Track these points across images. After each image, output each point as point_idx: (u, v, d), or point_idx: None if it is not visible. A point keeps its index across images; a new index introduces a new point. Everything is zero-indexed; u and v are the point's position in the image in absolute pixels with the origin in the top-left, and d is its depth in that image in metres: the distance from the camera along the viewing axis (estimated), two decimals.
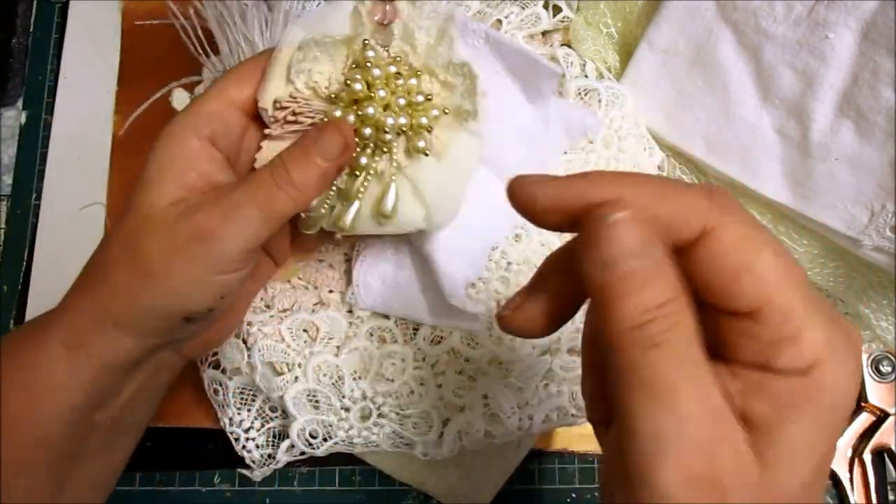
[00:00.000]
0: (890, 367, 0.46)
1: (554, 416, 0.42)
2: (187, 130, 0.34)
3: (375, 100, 0.34)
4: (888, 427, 0.45)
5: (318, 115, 0.34)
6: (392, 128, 0.34)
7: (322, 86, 0.34)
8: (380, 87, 0.34)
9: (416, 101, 0.34)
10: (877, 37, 0.37)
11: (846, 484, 0.45)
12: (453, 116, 0.35)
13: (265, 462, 0.43)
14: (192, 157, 0.33)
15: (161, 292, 0.32)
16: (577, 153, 0.43)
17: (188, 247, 0.32)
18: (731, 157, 0.43)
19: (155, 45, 0.50)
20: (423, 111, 0.34)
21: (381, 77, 0.34)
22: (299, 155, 0.33)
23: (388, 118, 0.34)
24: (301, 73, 0.34)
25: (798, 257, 0.44)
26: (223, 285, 0.33)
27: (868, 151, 0.39)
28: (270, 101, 0.34)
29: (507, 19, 0.46)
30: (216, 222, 0.32)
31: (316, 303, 0.43)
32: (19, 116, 0.53)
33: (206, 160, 0.34)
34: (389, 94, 0.34)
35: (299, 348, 0.41)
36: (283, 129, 0.34)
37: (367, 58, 0.34)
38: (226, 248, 0.32)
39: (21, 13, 0.54)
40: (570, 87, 0.44)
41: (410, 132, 0.34)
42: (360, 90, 0.33)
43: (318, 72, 0.34)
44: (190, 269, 0.32)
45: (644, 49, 0.44)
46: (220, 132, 0.34)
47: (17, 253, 0.50)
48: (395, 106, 0.34)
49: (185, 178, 0.33)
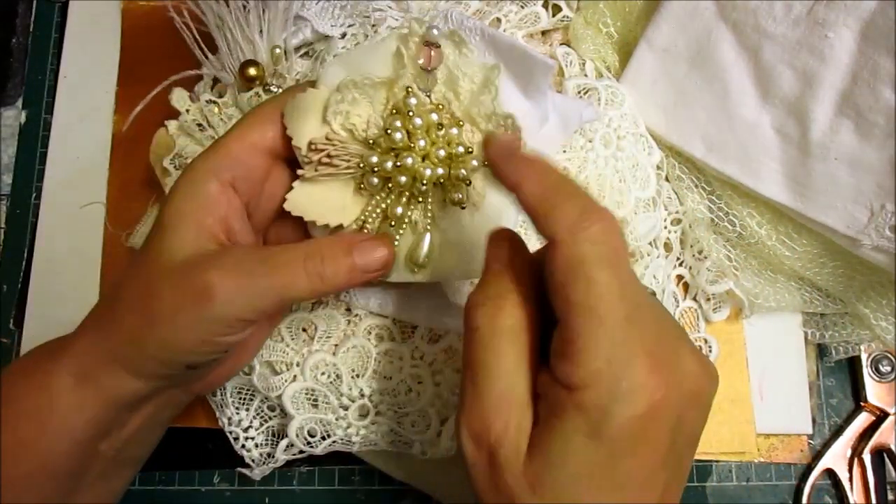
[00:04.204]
0: (889, 366, 0.46)
1: None
2: (208, 174, 0.33)
3: (415, 150, 0.33)
4: (888, 427, 0.45)
5: (354, 158, 0.34)
6: (429, 179, 0.33)
7: (360, 128, 0.34)
8: (420, 136, 0.33)
9: (456, 152, 0.33)
10: (876, 36, 0.37)
11: (846, 484, 0.45)
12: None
13: (264, 461, 0.43)
14: (211, 202, 0.33)
15: (165, 343, 0.32)
16: (577, 152, 0.43)
17: (194, 305, 0.31)
18: (730, 157, 0.43)
19: (155, 45, 0.50)
20: (462, 163, 0.34)
21: (421, 127, 0.33)
22: (339, 254, 0.32)
23: (427, 170, 0.33)
24: (338, 114, 0.33)
25: (798, 257, 0.44)
26: (227, 343, 0.33)
27: (867, 151, 0.39)
28: (305, 142, 0.33)
29: (506, 18, 0.46)
30: (226, 288, 0.31)
31: (315, 301, 0.43)
32: (19, 116, 0.53)
33: (226, 206, 0.33)
34: (429, 144, 0.33)
35: (298, 347, 0.42)
36: (318, 172, 0.34)
37: (409, 105, 0.33)
38: (229, 313, 0.31)
39: (21, 13, 0.54)
40: (569, 86, 0.44)
41: (447, 183, 0.34)
42: (401, 140, 0.33)
43: (356, 114, 0.34)
44: (193, 326, 0.31)
45: (643, 48, 0.44)
46: (241, 176, 0.33)
47: (17, 253, 0.50)
48: (434, 157, 0.33)
49: (204, 223, 0.32)
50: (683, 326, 0.40)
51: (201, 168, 0.33)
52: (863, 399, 0.46)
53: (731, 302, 0.46)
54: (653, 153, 0.44)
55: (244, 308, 0.31)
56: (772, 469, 0.46)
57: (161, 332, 0.31)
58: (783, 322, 0.47)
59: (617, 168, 0.43)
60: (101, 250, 0.49)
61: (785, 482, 0.46)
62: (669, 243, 0.46)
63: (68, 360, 0.33)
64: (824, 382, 0.47)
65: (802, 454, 0.46)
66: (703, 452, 0.45)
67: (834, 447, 0.46)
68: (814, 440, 0.46)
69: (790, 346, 0.47)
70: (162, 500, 0.46)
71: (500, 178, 0.29)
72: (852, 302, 0.44)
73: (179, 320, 0.31)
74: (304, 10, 0.43)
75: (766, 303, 0.45)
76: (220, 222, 0.33)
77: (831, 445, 0.46)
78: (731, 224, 0.44)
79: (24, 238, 0.51)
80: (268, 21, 0.41)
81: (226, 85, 0.44)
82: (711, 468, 0.46)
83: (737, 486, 0.46)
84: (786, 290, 0.45)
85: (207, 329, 0.32)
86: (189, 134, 0.44)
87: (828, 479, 0.46)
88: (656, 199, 0.44)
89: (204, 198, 0.32)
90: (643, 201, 0.43)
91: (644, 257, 0.43)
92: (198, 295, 0.31)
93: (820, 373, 0.47)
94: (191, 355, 0.33)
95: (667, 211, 0.46)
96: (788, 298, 0.45)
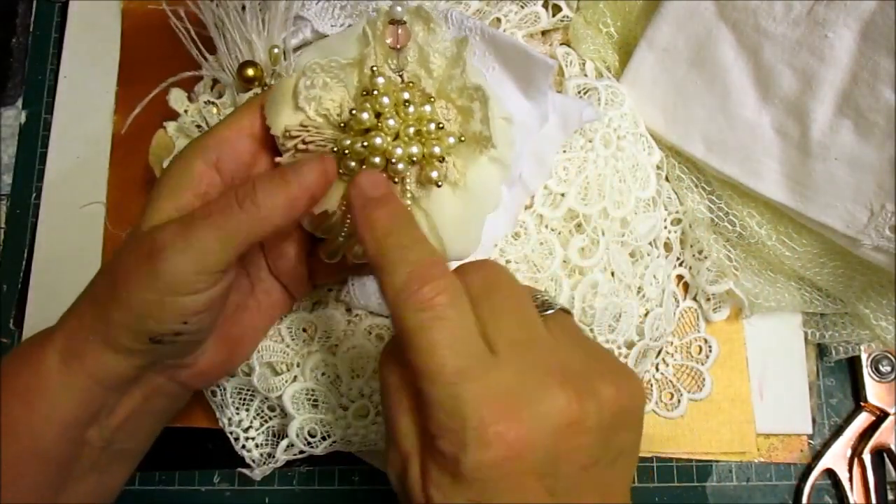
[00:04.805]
0: (889, 366, 0.46)
1: None
2: (196, 153, 0.34)
3: (384, 129, 0.33)
4: (888, 427, 0.45)
5: (328, 143, 0.34)
6: (401, 157, 0.33)
7: (334, 113, 0.34)
8: (388, 115, 0.33)
9: (427, 129, 0.33)
10: (876, 36, 0.37)
11: (846, 484, 0.45)
12: (471, 144, 0.34)
13: (264, 461, 0.43)
14: (193, 180, 0.33)
15: (123, 310, 0.32)
16: (577, 152, 0.43)
17: (146, 262, 0.31)
18: (730, 157, 0.43)
19: (155, 45, 0.50)
20: (436, 140, 0.33)
21: (389, 105, 0.33)
22: (273, 177, 0.32)
23: (397, 148, 0.33)
24: (312, 100, 0.33)
25: (798, 257, 0.44)
26: (181, 308, 0.32)
27: (867, 151, 0.39)
28: (281, 129, 0.34)
29: (506, 18, 0.46)
30: (169, 240, 0.31)
31: (315, 301, 0.43)
32: (19, 116, 0.53)
33: (206, 183, 0.33)
34: (399, 122, 0.33)
35: (298, 347, 0.42)
36: (295, 159, 0.34)
37: (376, 84, 0.33)
38: (172, 266, 0.31)
39: (21, 13, 0.54)
40: (569, 86, 0.44)
41: (423, 161, 0.33)
42: (368, 119, 0.32)
43: (329, 99, 0.34)
44: (142, 286, 0.31)
45: (643, 48, 0.44)
46: (227, 158, 0.34)
47: (17, 253, 0.50)
48: (405, 135, 0.33)
49: (182, 198, 0.33)
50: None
51: (191, 148, 0.34)
52: (863, 399, 0.46)
53: (731, 302, 0.46)
54: (653, 153, 0.44)
55: (192, 259, 0.31)
56: (772, 469, 0.46)
57: (120, 295, 0.32)
58: (783, 322, 0.47)
59: (617, 168, 0.43)
60: (101, 250, 0.49)
61: (785, 482, 0.46)
62: (669, 243, 0.46)
63: (58, 337, 0.33)
64: (824, 382, 0.47)
65: (802, 454, 0.46)
66: (703, 452, 0.45)
67: (834, 447, 0.46)
68: (814, 440, 0.46)
69: (790, 346, 0.47)
70: (162, 500, 0.46)
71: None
72: (852, 302, 0.44)
73: (134, 281, 0.31)
74: (304, 10, 0.43)
75: (766, 303, 0.45)
76: (198, 198, 0.33)
77: (831, 445, 0.46)
78: (731, 224, 0.44)
79: (24, 238, 0.51)
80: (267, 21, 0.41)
81: (224, 86, 0.44)
82: (711, 468, 0.46)
83: (737, 486, 0.46)
84: (786, 290, 0.45)
85: (163, 288, 0.31)
86: (188, 135, 0.44)
87: (828, 479, 0.46)
88: (656, 199, 0.44)
89: (187, 175, 0.33)
90: (643, 201, 0.43)
91: (644, 257, 0.43)
92: (148, 252, 0.31)
93: (820, 373, 0.47)
94: (151, 321, 0.32)
95: (667, 211, 0.46)
96: (788, 298, 0.45)
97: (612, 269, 0.42)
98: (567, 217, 0.42)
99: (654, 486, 0.46)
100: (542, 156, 0.41)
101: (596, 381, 0.27)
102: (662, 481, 0.46)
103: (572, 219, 0.43)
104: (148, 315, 0.32)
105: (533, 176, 0.42)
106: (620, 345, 0.43)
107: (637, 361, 0.43)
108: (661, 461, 0.46)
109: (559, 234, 0.42)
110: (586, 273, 0.42)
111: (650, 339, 0.43)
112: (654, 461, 0.46)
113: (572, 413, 0.26)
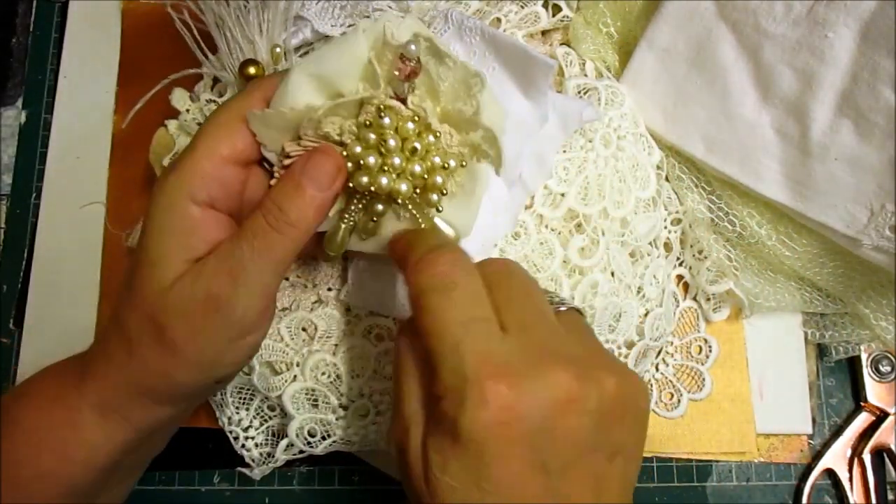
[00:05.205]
0: (889, 366, 0.46)
1: None
2: (183, 198, 0.31)
3: (389, 169, 0.32)
4: (888, 427, 0.45)
5: None
6: (405, 194, 0.32)
7: (334, 134, 0.32)
8: (395, 155, 0.32)
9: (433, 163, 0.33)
10: (876, 36, 0.37)
11: (846, 484, 0.45)
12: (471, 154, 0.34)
13: (264, 461, 0.43)
14: (196, 226, 0.31)
15: (193, 368, 0.32)
16: (577, 152, 0.43)
17: (205, 317, 0.31)
18: (730, 157, 0.43)
19: (155, 45, 0.50)
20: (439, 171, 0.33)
21: (396, 148, 0.32)
22: (291, 191, 0.31)
23: (402, 185, 0.32)
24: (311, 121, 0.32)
25: (798, 257, 0.44)
26: (251, 346, 0.33)
27: (867, 151, 0.39)
28: (277, 149, 0.33)
29: (506, 18, 0.46)
30: (226, 287, 0.30)
31: (315, 301, 0.43)
32: (19, 116, 0.53)
33: (213, 226, 0.32)
34: (405, 161, 0.32)
35: (297, 347, 0.42)
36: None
37: (383, 127, 0.32)
38: (245, 311, 0.31)
39: (21, 13, 0.54)
40: (569, 86, 0.44)
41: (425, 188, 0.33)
42: (375, 163, 0.32)
43: (329, 121, 0.32)
44: (214, 340, 0.31)
45: (643, 48, 0.44)
46: (219, 195, 0.32)
47: (17, 253, 0.50)
48: (408, 174, 0.32)
49: (194, 248, 0.31)
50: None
51: (176, 192, 0.31)
52: (863, 399, 0.46)
53: (731, 302, 0.46)
54: (653, 153, 0.44)
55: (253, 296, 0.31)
56: (772, 469, 0.46)
57: (187, 359, 0.31)
58: (783, 322, 0.47)
59: (617, 168, 0.43)
60: (101, 250, 0.49)
61: (785, 482, 0.46)
62: (669, 243, 0.46)
63: (90, 396, 0.32)
64: (824, 382, 0.47)
65: (802, 454, 0.46)
66: (704, 452, 0.45)
67: (834, 447, 0.46)
68: (814, 440, 0.46)
69: (790, 346, 0.47)
70: (162, 500, 0.46)
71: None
72: (852, 302, 0.44)
73: (200, 342, 0.31)
74: (304, 10, 0.43)
75: (766, 303, 0.45)
76: (210, 244, 0.32)
77: (831, 445, 0.46)
78: (731, 224, 0.44)
79: (24, 238, 0.51)
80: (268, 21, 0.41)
81: (226, 84, 0.44)
82: (711, 468, 0.46)
83: (737, 486, 0.46)
84: (786, 290, 0.45)
85: (228, 336, 0.31)
86: (189, 133, 0.44)
87: (828, 479, 0.46)
88: (656, 199, 0.44)
89: (187, 223, 0.31)
90: (643, 201, 0.43)
91: (644, 257, 0.43)
92: (209, 307, 0.30)
93: (820, 373, 0.47)
94: (221, 368, 0.32)
95: (667, 211, 0.46)
96: (788, 298, 0.45)
97: (612, 269, 0.42)
98: (567, 217, 0.42)
99: (654, 486, 0.46)
100: (542, 156, 0.41)
101: (600, 371, 0.28)
102: (662, 481, 0.46)
103: (572, 219, 0.43)
104: (217, 364, 0.32)
105: (533, 176, 0.42)
106: (620, 345, 0.43)
107: (637, 361, 0.43)
108: (661, 461, 0.46)
109: (559, 234, 0.42)
110: (586, 273, 0.42)
111: (650, 339, 0.43)
112: (654, 461, 0.46)
113: (572, 391, 0.27)
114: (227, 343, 0.31)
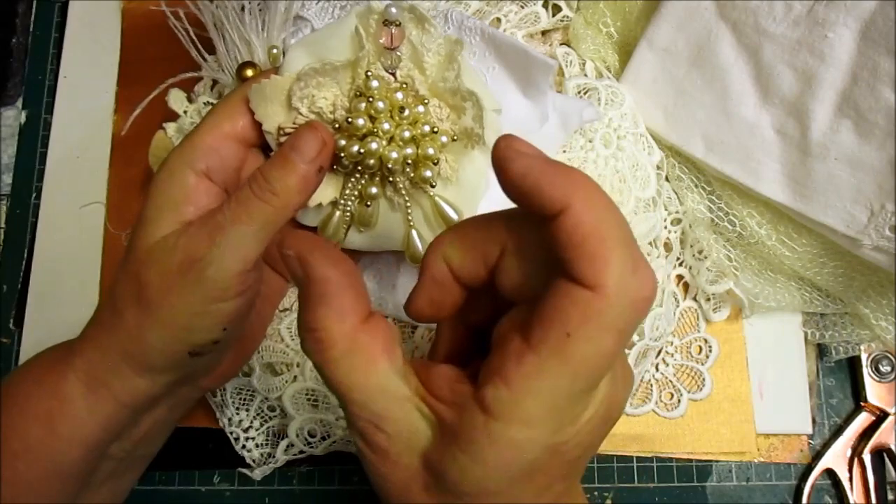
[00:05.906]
0: (889, 367, 0.46)
1: None
2: (184, 166, 0.33)
3: (379, 133, 0.33)
4: (888, 427, 0.45)
5: None
6: (396, 161, 0.33)
7: (326, 111, 0.34)
8: (384, 119, 0.33)
9: (422, 131, 0.33)
10: (876, 36, 0.37)
11: (846, 484, 0.45)
12: (463, 139, 0.35)
13: (264, 461, 0.43)
14: (189, 193, 0.33)
15: (164, 327, 0.32)
16: (577, 152, 0.43)
17: (180, 276, 0.31)
18: (730, 157, 0.43)
19: (155, 45, 0.50)
20: (430, 141, 0.34)
21: (384, 110, 0.33)
22: (277, 162, 0.32)
23: (392, 152, 0.33)
24: (304, 98, 0.33)
25: (798, 257, 0.44)
26: (224, 314, 0.32)
27: (867, 151, 0.39)
28: (274, 127, 0.34)
29: (506, 18, 0.46)
30: (203, 246, 0.31)
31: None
32: (19, 116, 0.53)
33: (204, 194, 0.33)
34: (394, 126, 0.33)
35: (297, 347, 0.42)
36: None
37: (371, 89, 0.33)
38: (218, 272, 0.31)
39: (21, 13, 0.55)
40: (569, 86, 0.44)
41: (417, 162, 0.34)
42: (363, 125, 0.33)
43: (321, 97, 0.34)
44: (187, 299, 0.31)
45: (643, 48, 0.44)
46: (216, 166, 0.34)
47: (17, 253, 0.51)
48: (399, 139, 0.33)
49: (184, 213, 0.33)
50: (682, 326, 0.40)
51: (177, 161, 0.33)
52: (863, 399, 0.46)
53: (731, 302, 0.46)
54: (653, 153, 0.44)
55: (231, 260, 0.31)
56: (772, 469, 0.46)
57: (158, 315, 0.32)
58: (783, 322, 0.47)
59: (617, 168, 0.43)
60: (101, 250, 0.49)
61: (785, 482, 0.46)
62: (669, 243, 0.46)
63: (78, 364, 0.33)
64: (824, 382, 0.47)
65: (802, 454, 0.46)
66: (703, 452, 0.45)
67: (834, 447, 0.46)
68: (814, 440, 0.46)
69: (790, 346, 0.47)
70: (162, 500, 0.46)
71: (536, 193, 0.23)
72: (852, 302, 0.44)
73: (172, 298, 0.31)
74: (304, 10, 0.43)
75: (766, 303, 0.45)
76: (200, 210, 0.33)
77: (831, 445, 0.46)
78: (731, 224, 0.44)
79: (24, 238, 0.51)
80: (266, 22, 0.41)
81: (224, 86, 0.44)
82: (711, 468, 0.46)
83: (737, 486, 0.46)
84: (786, 290, 0.45)
85: (203, 297, 0.31)
86: None
87: (828, 479, 0.46)
88: (656, 199, 0.44)
89: (182, 189, 0.33)
90: (643, 201, 0.43)
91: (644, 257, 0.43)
92: (184, 264, 0.31)
93: (820, 373, 0.47)
94: (194, 333, 0.32)
95: (667, 211, 0.46)
96: (788, 298, 0.45)
97: None
98: None
99: (654, 486, 0.46)
100: None
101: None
102: (662, 481, 0.46)
103: None
104: (190, 328, 0.32)
105: None
106: None
107: (637, 361, 0.43)
108: (661, 461, 0.46)
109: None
110: None
111: (650, 339, 0.43)
112: (654, 461, 0.46)
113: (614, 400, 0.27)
114: (201, 305, 0.31)
